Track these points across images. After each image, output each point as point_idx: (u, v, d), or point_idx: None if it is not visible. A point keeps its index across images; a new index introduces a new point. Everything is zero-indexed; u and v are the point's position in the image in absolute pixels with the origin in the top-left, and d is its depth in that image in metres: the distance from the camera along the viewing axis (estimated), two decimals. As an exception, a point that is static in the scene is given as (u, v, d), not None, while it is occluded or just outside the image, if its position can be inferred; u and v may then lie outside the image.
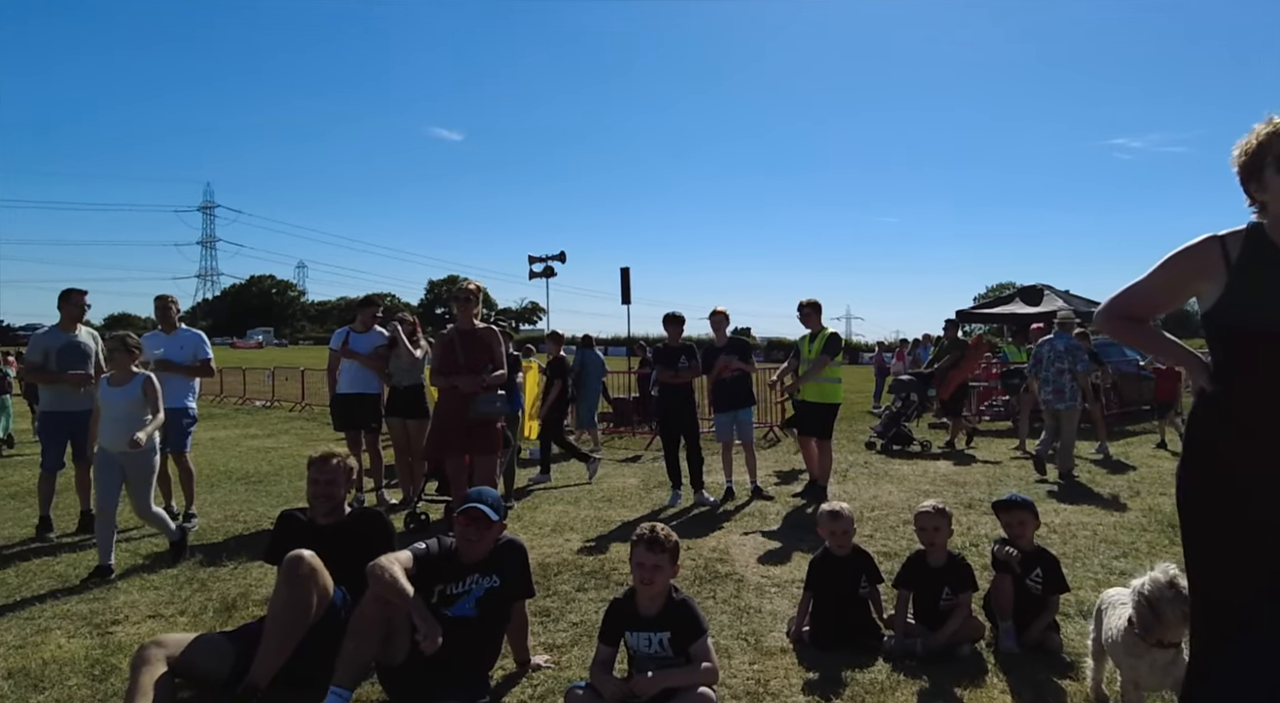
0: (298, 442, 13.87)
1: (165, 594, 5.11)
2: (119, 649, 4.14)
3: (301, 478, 9.70)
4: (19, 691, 3.68)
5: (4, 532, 6.95)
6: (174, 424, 7.18)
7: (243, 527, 7.11)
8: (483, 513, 3.66)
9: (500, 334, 6.58)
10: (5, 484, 9.50)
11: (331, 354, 8.14)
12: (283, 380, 22.25)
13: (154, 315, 7.70)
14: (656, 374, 8.27)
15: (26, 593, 5.19)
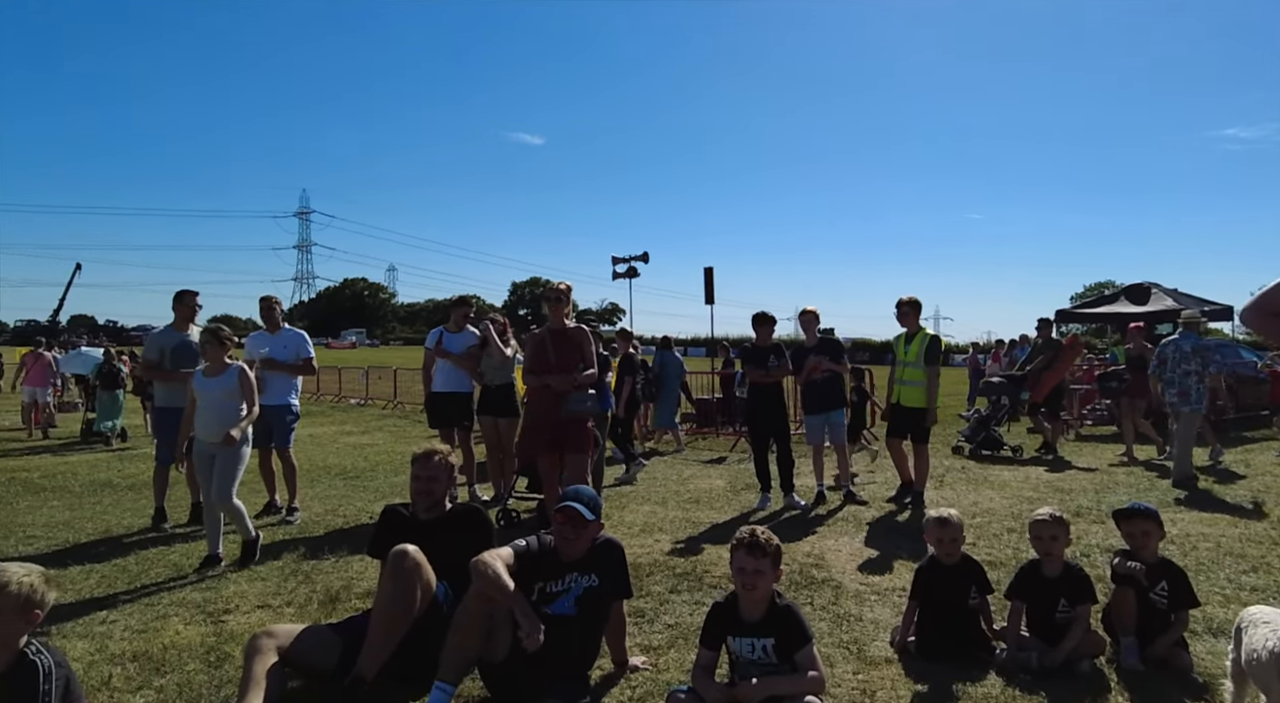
0: (391, 439, 14.26)
1: (272, 585, 5.29)
2: (231, 638, 4.29)
3: (397, 474, 10.04)
4: (143, 673, 3.85)
5: (123, 521, 7.33)
6: (278, 421, 7.47)
7: (343, 521, 7.32)
8: (578, 512, 3.64)
9: (591, 334, 6.59)
10: (123, 476, 10.05)
11: (426, 354, 8.30)
12: (376, 379, 22.93)
13: (259, 316, 8.00)
14: (745, 374, 8.14)
15: (145, 580, 5.44)
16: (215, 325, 6.13)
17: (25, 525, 7.19)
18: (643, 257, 15.84)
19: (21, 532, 6.93)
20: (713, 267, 14.74)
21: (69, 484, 9.48)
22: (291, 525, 7.09)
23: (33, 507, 8.12)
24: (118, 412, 14.17)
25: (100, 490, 9.04)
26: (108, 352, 18.26)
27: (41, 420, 15.82)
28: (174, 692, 3.65)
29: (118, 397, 14.27)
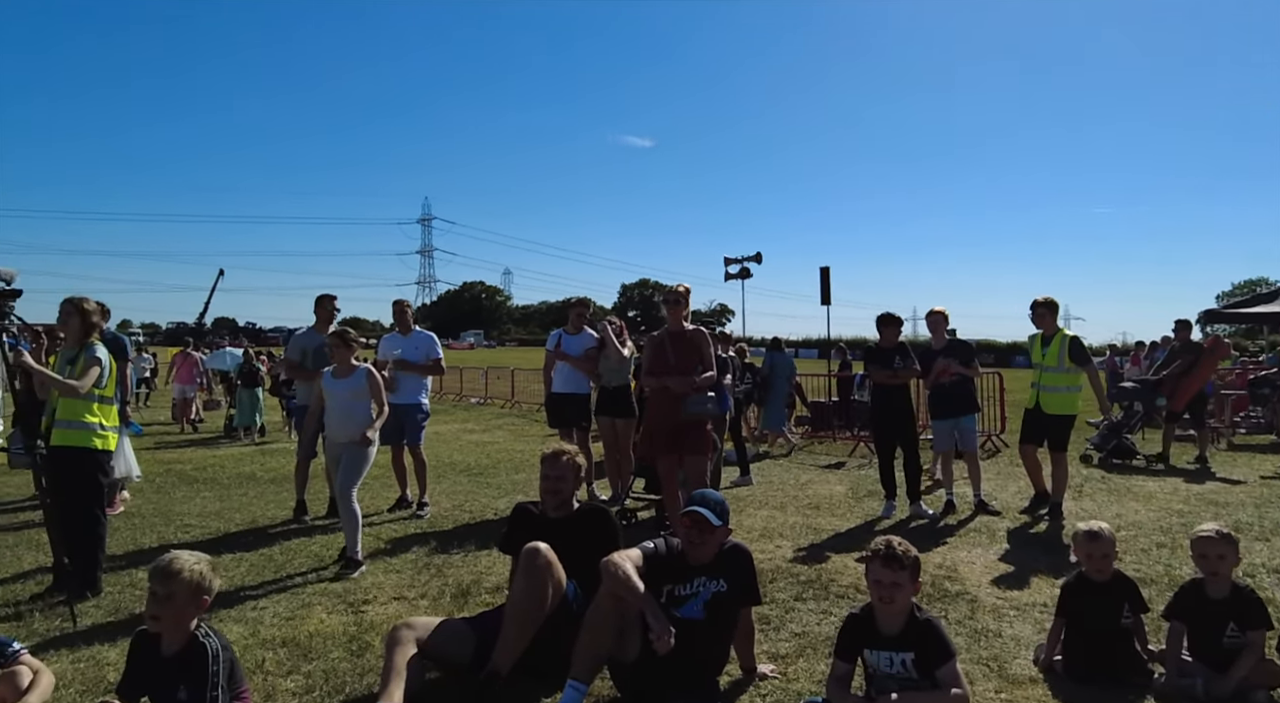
0: (510, 437, 14.63)
1: (406, 578, 5.49)
2: (371, 628, 4.47)
3: (518, 471, 10.28)
4: (292, 659, 4.06)
5: (267, 513, 7.78)
6: (410, 419, 7.77)
7: (469, 516, 7.54)
8: (705, 518, 3.61)
9: (710, 336, 6.55)
10: (265, 470, 10.67)
11: (547, 355, 8.46)
12: (495, 379, 23.61)
13: (391, 318, 8.35)
14: (870, 376, 7.90)
15: (290, 570, 5.75)
16: (342, 328, 6.34)
17: (182, 514, 7.74)
18: (756, 257, 15.70)
19: (179, 520, 7.47)
20: (829, 266, 14.46)
21: (218, 477, 10.15)
22: (422, 520, 7.37)
23: (187, 497, 8.73)
24: (257, 409, 15.08)
25: (245, 483, 9.63)
26: (247, 352, 19.51)
27: (190, 416, 17.04)
28: (320, 678, 3.83)
29: (256, 395, 15.18)
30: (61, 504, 5.09)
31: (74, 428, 5.16)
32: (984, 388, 11.78)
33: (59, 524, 5.07)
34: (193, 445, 13.83)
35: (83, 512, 5.14)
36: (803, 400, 14.81)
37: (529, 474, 10.14)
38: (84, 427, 5.18)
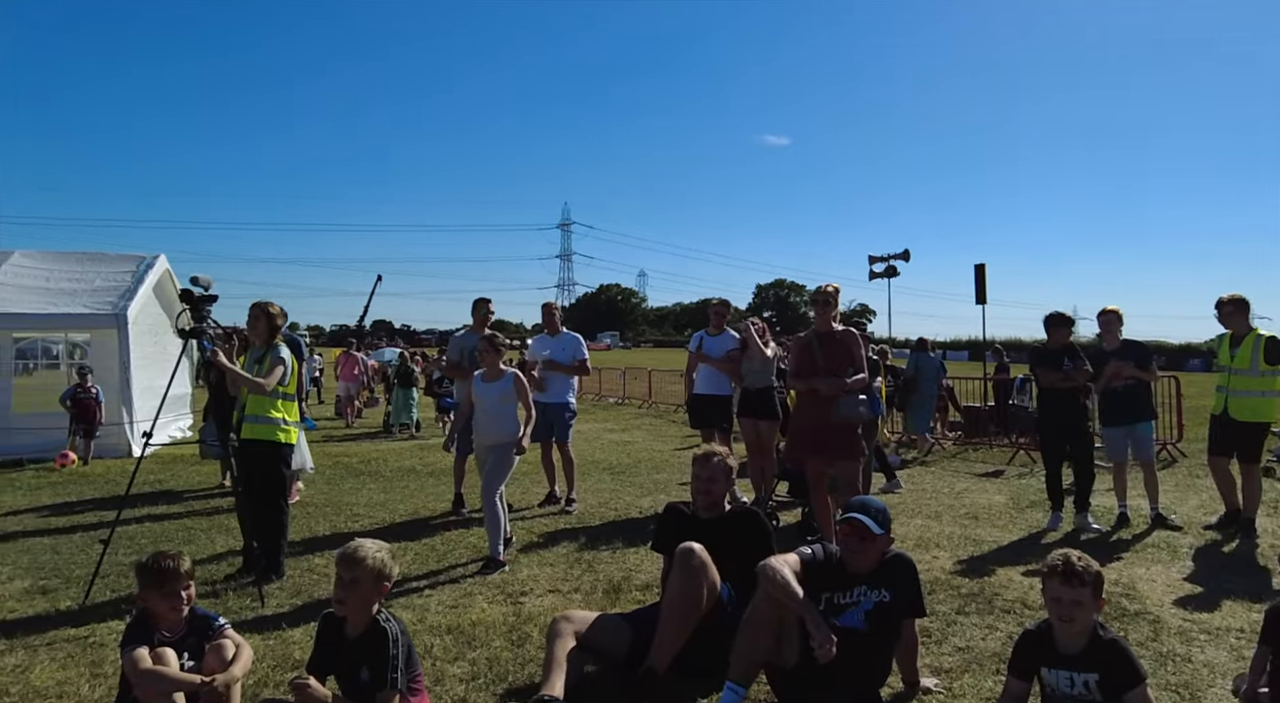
0: (649, 437, 14.77)
1: (560, 572, 5.64)
2: (529, 619, 4.62)
3: (659, 471, 10.37)
4: (457, 646, 4.25)
5: (428, 505, 8.19)
6: (558, 417, 7.99)
7: (615, 513, 7.67)
8: (865, 525, 3.50)
9: (860, 337, 6.37)
10: (424, 464, 11.23)
11: (689, 356, 8.48)
12: (632, 379, 23.92)
13: (539, 320, 8.61)
14: (1038, 379, 7.43)
15: (451, 560, 6.02)
16: (491, 333, 6.53)
17: (351, 505, 8.26)
18: (903, 254, 15.17)
19: (349, 510, 7.97)
20: (984, 263, 13.76)
21: (381, 470, 10.77)
22: (570, 515, 7.56)
23: (354, 488, 9.31)
24: (411, 407, 15.93)
25: (406, 477, 10.18)
26: (402, 353, 20.70)
27: (352, 412, 18.20)
28: (484, 665, 3.99)
29: (411, 394, 16.06)
30: (251, 493, 5.52)
31: (261, 423, 5.60)
32: (1159, 393, 10.90)
33: (248, 511, 5.52)
34: (355, 440, 14.75)
35: (268, 501, 5.57)
36: (955, 405, 14.18)
37: (669, 474, 10.21)
38: (270, 422, 5.61)
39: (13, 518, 7.75)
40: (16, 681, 3.84)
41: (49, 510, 8.15)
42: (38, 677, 3.88)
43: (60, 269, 13.56)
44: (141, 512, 7.77)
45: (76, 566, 5.92)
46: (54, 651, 4.23)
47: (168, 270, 14.49)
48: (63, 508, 8.26)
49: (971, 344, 62.12)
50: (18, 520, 7.63)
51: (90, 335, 12.93)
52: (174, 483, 9.69)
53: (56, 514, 7.95)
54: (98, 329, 12.48)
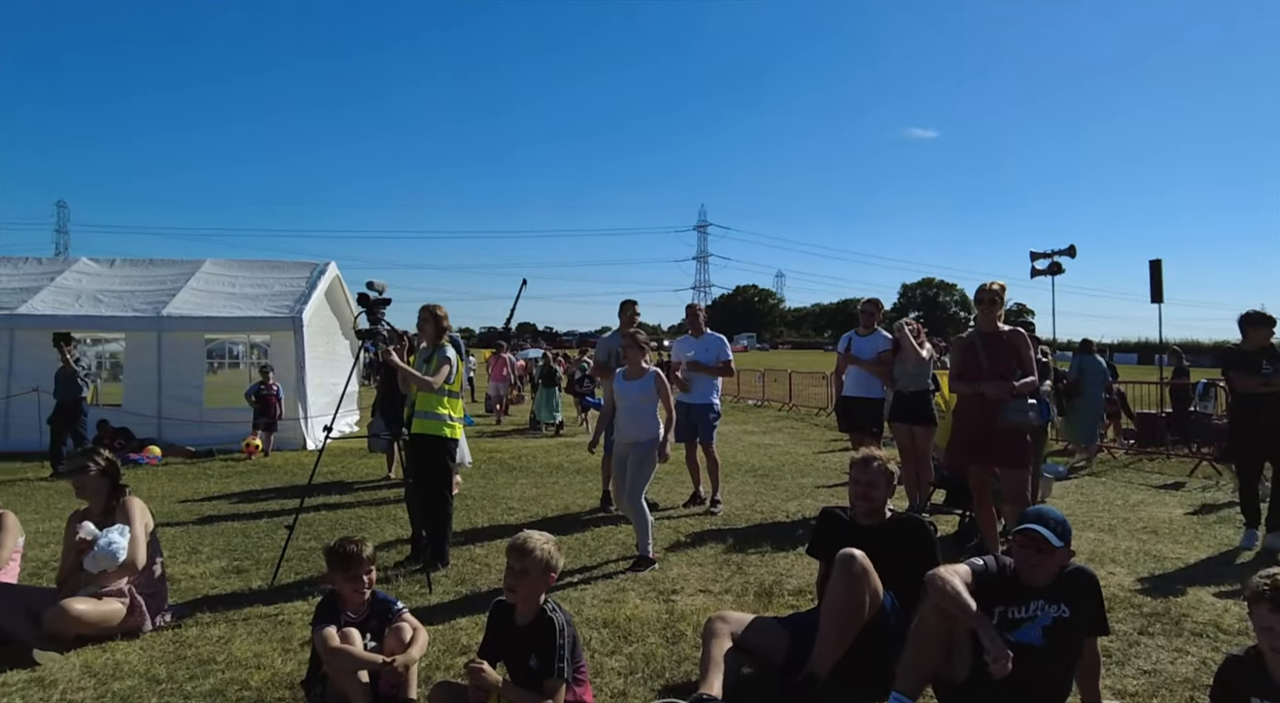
0: (791, 439, 14.55)
1: (709, 572, 5.64)
2: (682, 617, 4.64)
3: (803, 474, 10.19)
4: (614, 640, 4.33)
5: (577, 501, 8.39)
6: (702, 418, 8.00)
7: (761, 516, 7.60)
8: (1043, 537, 3.28)
9: (1029, 337, 6.02)
10: (570, 461, 11.52)
11: (838, 357, 8.30)
12: (772, 381, 23.66)
13: (680, 321, 8.66)
14: (1233, 383, 6.78)
15: (602, 556, 6.14)
16: (634, 330, 6.55)
17: (505, 498, 8.58)
18: (1068, 250, 14.20)
19: (504, 503, 8.29)
20: (1160, 259, 12.70)
21: (531, 466, 11.14)
22: (716, 517, 7.55)
23: (508, 483, 9.67)
24: (555, 405, 16.42)
25: (555, 473, 10.47)
26: (545, 354, 21.39)
27: (501, 410, 18.94)
28: (641, 661, 4.04)
29: (554, 393, 16.58)
30: (419, 485, 5.83)
31: (429, 418, 5.90)
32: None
33: (418, 502, 5.83)
34: (505, 436, 15.32)
35: (435, 492, 5.86)
36: (1127, 412, 13.19)
37: (815, 478, 10.02)
38: (437, 418, 5.91)
39: (208, 503, 8.52)
40: (221, 651, 4.21)
41: (237, 497, 8.91)
42: (237, 648, 4.25)
43: (244, 276, 14.82)
44: (317, 501, 8.35)
45: (264, 548, 6.44)
46: (249, 626, 4.61)
47: (337, 276, 15.53)
48: (248, 495, 9.02)
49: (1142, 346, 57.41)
50: (212, 506, 8.38)
51: (270, 337, 14.05)
52: (344, 474, 10.38)
53: (244, 501, 8.68)
54: (277, 331, 13.55)
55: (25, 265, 14.96)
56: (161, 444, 12.12)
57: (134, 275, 14.51)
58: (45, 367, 11.12)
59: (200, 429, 12.76)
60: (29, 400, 11.81)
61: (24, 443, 11.65)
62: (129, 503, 4.62)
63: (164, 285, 13.93)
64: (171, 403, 12.80)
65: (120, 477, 4.76)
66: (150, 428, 12.53)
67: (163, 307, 13.05)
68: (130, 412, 12.80)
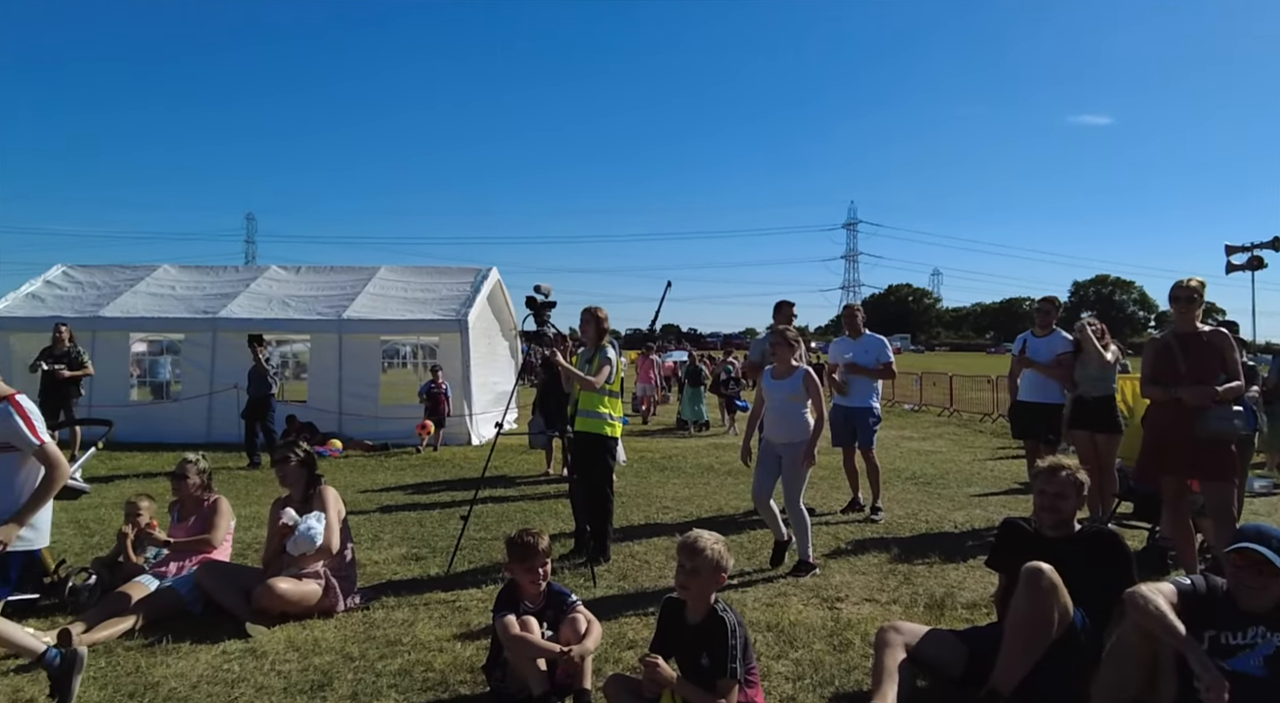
0: (953, 446, 13.92)
1: (874, 581, 5.49)
2: (849, 625, 4.54)
3: (969, 483, 9.73)
4: (779, 644, 4.29)
5: (729, 503, 8.38)
6: (861, 422, 7.79)
7: (926, 526, 7.31)
8: (1266, 558, 2.98)
9: (1233, 339, 5.49)
10: (720, 462, 11.50)
11: (1012, 360, 7.86)
12: (929, 385, 22.73)
13: (842, 322, 8.46)
14: None
15: (760, 560, 6.06)
16: (784, 327, 6.30)
17: (659, 497, 8.68)
18: (1272, 243, 12.89)
19: (658, 502, 8.39)
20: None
21: (681, 466, 11.21)
22: (877, 524, 7.33)
23: (660, 482, 9.77)
24: (700, 405, 16.51)
25: (706, 474, 10.49)
26: (691, 355, 21.52)
27: (648, 410, 19.20)
28: (808, 667, 3.98)
29: (699, 393, 16.67)
30: (583, 481, 6.00)
31: (591, 417, 6.06)
32: None
33: (582, 498, 5.99)
34: (654, 436, 15.51)
35: (597, 489, 6.01)
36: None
37: (983, 487, 9.54)
38: (598, 416, 6.06)
39: (385, 494, 9.11)
40: (406, 633, 4.49)
41: (411, 489, 9.47)
42: (421, 632, 4.51)
43: (414, 281, 15.76)
44: (483, 493, 8.73)
45: (438, 537, 6.82)
46: (430, 610, 4.89)
47: (499, 281, 16.23)
48: (421, 487, 9.56)
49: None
50: (389, 496, 8.95)
51: (438, 338, 14.85)
52: (506, 469, 10.81)
53: (417, 492, 9.21)
54: (444, 333, 14.31)
55: (224, 273, 16.56)
56: (342, 438, 13.05)
57: (317, 281, 15.73)
58: (241, 366, 12.21)
59: (376, 424, 13.65)
60: (229, 396, 13.01)
61: (225, 435, 12.83)
62: (324, 492, 5.02)
63: (344, 290, 15.02)
64: (351, 400, 13.78)
65: (316, 467, 5.17)
66: (332, 423, 13.53)
67: (343, 310, 14.07)
68: (314, 408, 13.86)
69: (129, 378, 14.67)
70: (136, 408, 13.79)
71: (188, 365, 14.26)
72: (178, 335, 14.73)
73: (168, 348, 16.32)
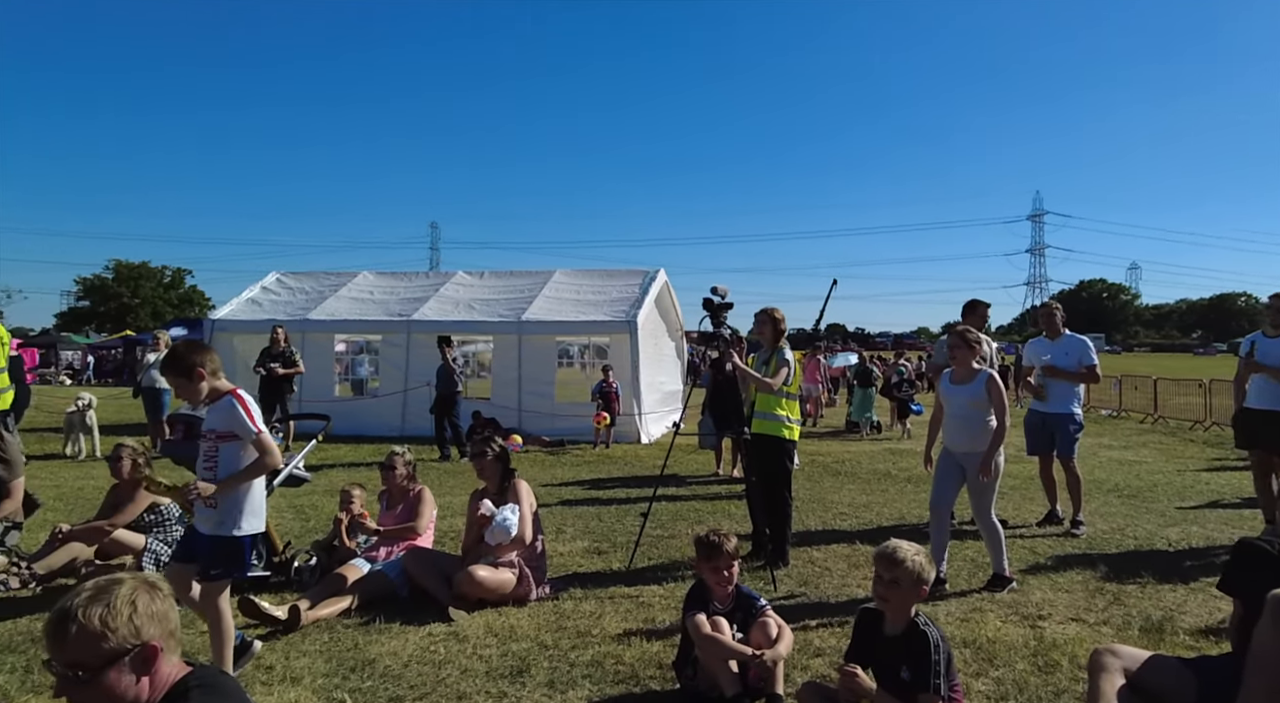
0: (1159, 456, 12.73)
1: (1079, 599, 5.11)
2: (1054, 646, 4.25)
3: (1182, 498, 8.89)
4: (977, 661, 4.08)
5: (912, 512, 8.05)
6: (1061, 429, 7.28)
7: (1134, 542, 6.72)
8: None
9: None
10: (898, 469, 11.10)
11: (1239, 363, 7.10)
12: (1130, 389, 20.92)
13: (1039, 322, 7.93)
14: None
15: (948, 572, 5.77)
16: (963, 328, 5.78)
17: (835, 503, 8.48)
18: None
19: (834, 508, 8.20)
20: None
21: (856, 471, 10.90)
22: (1078, 539, 6.82)
23: (835, 487, 9.55)
24: (869, 407, 16.04)
25: (883, 480, 10.15)
26: (861, 355, 20.92)
27: (815, 412, 18.83)
28: (1011, 687, 3.76)
29: (869, 394, 16.21)
30: (761, 484, 5.96)
31: (768, 419, 6.01)
32: None
33: (760, 501, 5.96)
34: (822, 438, 15.20)
35: (776, 491, 5.95)
36: None
37: (1197, 502, 8.67)
38: (775, 418, 6.00)
39: (565, 488, 9.44)
40: (595, 625, 4.63)
41: (588, 484, 9.77)
42: (608, 624, 4.64)
43: (586, 284, 16.25)
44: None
45: (617, 533, 6.99)
46: (615, 605, 5.02)
47: (666, 282, 16.44)
48: (596, 483, 9.85)
49: None
50: (569, 491, 9.27)
51: (609, 338, 15.23)
52: (677, 468, 10.92)
53: (594, 488, 9.49)
54: (614, 334, 14.66)
55: (416, 279, 17.76)
56: (522, 434, 13.65)
57: (498, 285, 16.55)
58: (431, 365, 13.03)
59: (553, 421, 14.18)
60: (422, 393, 13.91)
61: (418, 429, 13.71)
62: (518, 485, 5.26)
63: (522, 294, 15.71)
64: (529, 397, 14.39)
65: (510, 462, 5.43)
66: (513, 419, 14.18)
67: (522, 312, 14.72)
68: (496, 404, 14.58)
69: (333, 375, 16.01)
70: (339, 403, 15.01)
71: (384, 364, 15.40)
72: (375, 336, 15.93)
73: (365, 347, 17.69)
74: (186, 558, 3.89)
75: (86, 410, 12.13)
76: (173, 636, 1.95)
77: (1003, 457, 5.48)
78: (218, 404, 3.82)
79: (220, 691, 2.00)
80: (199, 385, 3.77)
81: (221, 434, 3.79)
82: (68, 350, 43.53)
